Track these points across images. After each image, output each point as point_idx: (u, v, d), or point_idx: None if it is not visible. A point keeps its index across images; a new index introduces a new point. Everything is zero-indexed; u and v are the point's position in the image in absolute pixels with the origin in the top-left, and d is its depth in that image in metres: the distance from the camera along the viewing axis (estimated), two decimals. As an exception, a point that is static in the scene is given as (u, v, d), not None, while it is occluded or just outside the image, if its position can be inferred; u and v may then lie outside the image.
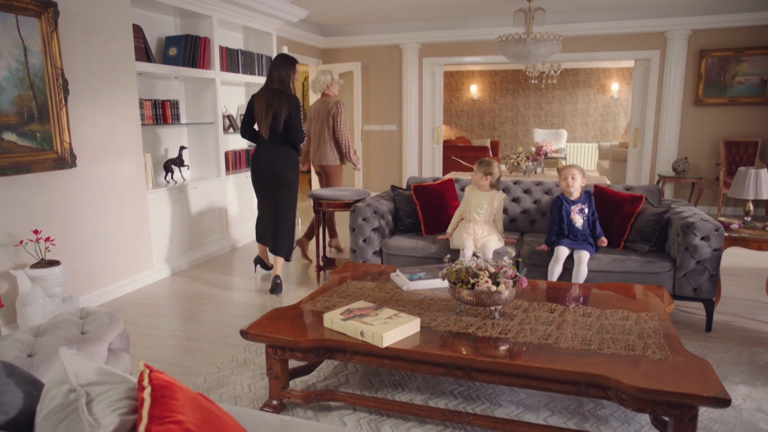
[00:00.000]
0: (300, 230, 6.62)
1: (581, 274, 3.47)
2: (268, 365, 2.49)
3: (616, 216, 3.74)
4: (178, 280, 4.67)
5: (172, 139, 5.23)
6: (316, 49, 8.26)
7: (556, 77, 11.25)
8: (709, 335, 3.42)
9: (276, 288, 4.19)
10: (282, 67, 4.13)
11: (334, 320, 2.44)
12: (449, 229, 3.97)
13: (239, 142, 6.21)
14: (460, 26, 7.76)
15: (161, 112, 4.84)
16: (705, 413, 2.47)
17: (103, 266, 4.09)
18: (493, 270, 2.57)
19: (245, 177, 5.86)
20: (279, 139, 4.12)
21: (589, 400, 2.59)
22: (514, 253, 2.80)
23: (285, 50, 6.46)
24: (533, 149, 5.34)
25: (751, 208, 3.84)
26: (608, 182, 4.53)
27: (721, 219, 3.78)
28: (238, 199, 5.78)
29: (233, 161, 5.85)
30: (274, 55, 6.21)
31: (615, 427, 2.40)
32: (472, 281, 2.54)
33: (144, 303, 4.11)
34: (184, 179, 5.15)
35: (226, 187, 5.55)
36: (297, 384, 2.78)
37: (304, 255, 5.21)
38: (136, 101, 4.32)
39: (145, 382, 1.23)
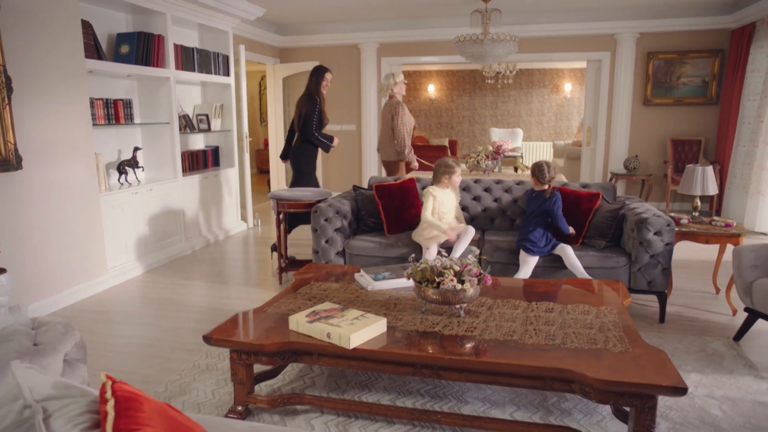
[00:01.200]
0: (259, 231, 6.52)
1: (572, 261, 3.57)
2: (233, 370, 2.43)
3: (576, 213, 3.84)
4: (134, 285, 4.52)
5: (125, 140, 5.06)
6: (273, 48, 8.15)
7: (511, 77, 11.43)
8: (663, 326, 3.55)
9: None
10: (312, 75, 5.04)
11: (299, 323, 2.41)
12: (445, 227, 3.86)
13: (197, 143, 6.07)
14: (418, 26, 7.80)
15: (113, 112, 4.67)
16: (661, 401, 2.56)
17: (54, 273, 3.92)
18: (457, 268, 2.59)
19: (204, 178, 5.73)
20: (301, 133, 5.00)
21: (553, 394, 2.64)
22: (478, 251, 2.83)
23: (242, 49, 6.35)
24: (489, 148, 5.45)
25: (699, 203, 4.01)
26: (565, 180, 4.65)
27: (672, 214, 3.93)
28: (197, 201, 5.64)
29: (191, 162, 5.71)
30: (231, 53, 6.10)
31: (578, 419, 2.46)
32: (437, 280, 2.55)
33: (98, 310, 3.95)
34: (138, 181, 4.99)
35: (184, 188, 5.40)
36: (262, 388, 2.73)
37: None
38: (86, 100, 4.15)
39: (108, 394, 1.18)
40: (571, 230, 3.72)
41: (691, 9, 6.99)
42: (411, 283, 2.97)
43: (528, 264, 3.61)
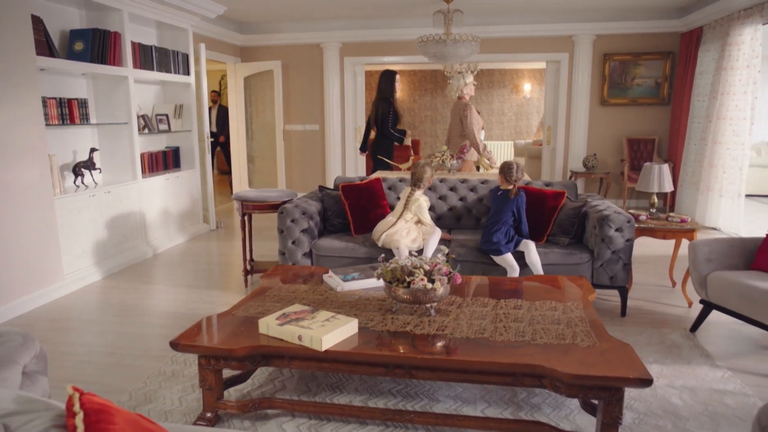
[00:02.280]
0: (223, 233, 6.40)
1: (534, 257, 3.63)
2: (201, 376, 2.38)
3: (541, 211, 3.91)
4: (93, 291, 4.36)
5: (81, 141, 4.88)
6: (234, 47, 8.01)
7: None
8: (624, 320, 3.66)
9: None
10: (384, 79, 5.99)
11: (270, 326, 2.37)
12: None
13: (156, 144, 5.91)
14: (380, 26, 7.81)
15: (68, 112, 4.49)
16: (626, 393, 2.63)
17: (6, 280, 3.74)
18: (427, 267, 2.60)
19: (164, 179, 5.58)
20: (378, 130, 5.94)
21: (522, 390, 2.69)
22: (447, 250, 2.85)
23: (202, 48, 6.22)
24: (445, 147, 5.57)
25: (656, 200, 4.15)
26: (529, 179, 4.73)
27: (631, 211, 4.06)
28: (158, 203, 5.49)
29: (150, 163, 5.55)
30: (191, 52, 5.96)
31: (548, 413, 2.51)
32: (407, 279, 2.56)
33: (55, 318, 3.80)
34: (96, 183, 4.82)
35: (144, 190, 5.25)
36: (231, 394, 2.68)
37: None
38: (38, 99, 3.98)
39: (76, 407, 1.13)
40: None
41: (644, 12, 7.23)
42: (381, 283, 2.96)
43: (506, 262, 3.66)
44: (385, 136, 5.96)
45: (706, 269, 3.35)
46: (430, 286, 2.51)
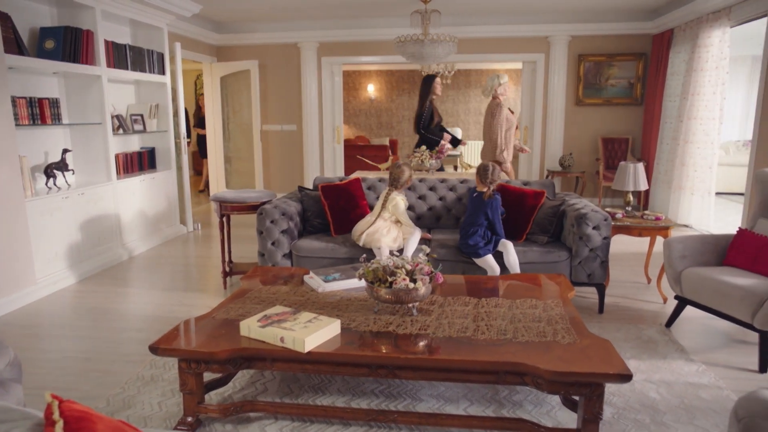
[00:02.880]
0: (200, 234, 6.31)
1: (513, 257, 3.65)
2: (182, 380, 2.34)
3: (521, 210, 3.95)
4: (67, 295, 4.26)
5: (53, 142, 4.76)
6: (210, 47, 7.91)
7: (449, 77, 11.67)
8: (602, 316, 3.72)
9: None
10: (423, 84, 6.22)
11: (251, 328, 2.35)
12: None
13: (131, 144, 5.80)
14: (358, 26, 7.80)
15: (39, 112, 4.38)
16: (605, 388, 2.68)
17: (-25, 285, 3.63)
18: (409, 267, 2.61)
19: (139, 180, 5.48)
20: (415, 132, 6.22)
21: (504, 388, 2.71)
22: (429, 250, 2.86)
23: (178, 47, 6.12)
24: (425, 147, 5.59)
25: (631, 198, 4.23)
26: (508, 179, 4.78)
27: (607, 209, 4.13)
28: (134, 205, 5.39)
29: (125, 164, 5.45)
30: (166, 51, 5.86)
31: (529, 410, 2.54)
32: (390, 279, 2.56)
33: (27, 324, 3.70)
34: (69, 185, 4.71)
35: (119, 192, 5.15)
36: (212, 397, 2.65)
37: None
38: (7, 99, 3.87)
39: (56, 415, 1.10)
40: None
41: (617, 14, 7.36)
42: (362, 283, 2.96)
43: (487, 263, 3.67)
44: (421, 137, 6.12)
45: (680, 266, 3.43)
46: (412, 285, 2.52)
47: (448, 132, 6.33)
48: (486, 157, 5.68)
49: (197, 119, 9.60)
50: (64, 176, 4.68)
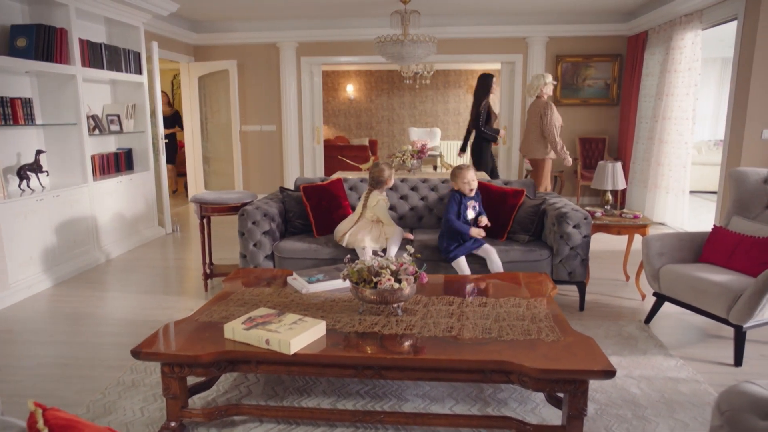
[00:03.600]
0: (179, 236, 6.23)
1: (496, 264, 3.64)
2: (165, 385, 2.30)
3: (501, 209, 3.98)
4: (42, 300, 4.16)
5: (26, 143, 4.64)
6: (187, 46, 7.81)
7: (428, 78, 11.72)
8: (583, 314, 3.78)
9: None
10: (480, 82, 6.30)
11: (236, 330, 2.32)
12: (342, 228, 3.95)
13: (108, 145, 5.70)
14: (337, 26, 7.78)
15: (11, 112, 4.27)
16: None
17: (-54, 291, 3.53)
18: (394, 267, 2.61)
19: (116, 182, 5.39)
20: (475, 129, 6.34)
21: (489, 386, 2.73)
22: (413, 250, 2.86)
23: (155, 46, 6.03)
24: (409, 147, 5.57)
25: (610, 197, 4.30)
26: (488, 178, 4.83)
27: (587, 208, 4.18)
28: (111, 207, 5.29)
29: (101, 165, 5.34)
30: (143, 50, 5.77)
31: (514, 407, 2.56)
32: (374, 280, 2.55)
33: (1, 329, 3.60)
34: (43, 187, 4.61)
35: (96, 193, 5.05)
36: (195, 402, 2.61)
37: None
38: (-21, 99, 3.77)
39: (40, 424, 1.07)
40: (474, 231, 3.67)
41: (593, 16, 7.48)
42: (347, 284, 2.95)
43: (459, 266, 3.68)
44: (480, 135, 6.23)
45: (658, 263, 3.49)
46: (397, 286, 2.52)
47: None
48: (535, 154, 5.71)
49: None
50: (38, 178, 4.57)
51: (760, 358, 3.14)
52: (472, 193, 3.77)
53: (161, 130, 6.17)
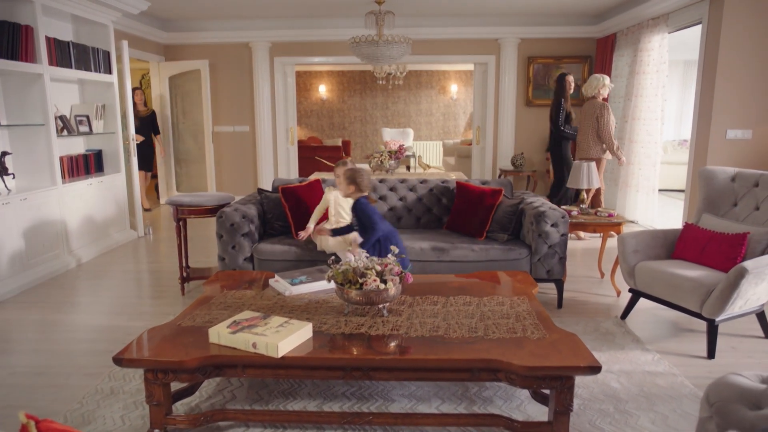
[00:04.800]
0: (151, 240, 6.10)
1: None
2: (148, 392, 2.25)
3: (479, 208, 4.02)
4: (10, 307, 4.02)
5: (-11, 144, 4.48)
6: (157, 45, 7.65)
7: (401, 78, 11.76)
8: (561, 311, 3.84)
9: None
10: (557, 83, 6.35)
11: (221, 334, 2.29)
12: (310, 224, 3.91)
13: (75, 147, 5.54)
14: (310, 26, 7.74)
15: (-26, 113, 4.12)
16: (570, 381, 2.76)
17: None
18: (379, 268, 2.61)
19: (86, 184, 5.24)
20: (554, 129, 6.32)
21: (474, 384, 2.75)
22: (398, 250, 2.86)
23: (125, 45, 5.88)
24: (383, 147, 5.55)
25: (585, 196, 4.38)
26: (466, 177, 4.86)
27: (563, 207, 4.26)
28: (81, 210, 5.13)
29: (70, 167, 5.19)
30: (112, 49, 5.62)
31: (499, 405, 2.59)
32: (360, 281, 2.55)
33: (-32, 338, 3.47)
34: (9, 190, 4.44)
35: (65, 196, 4.89)
36: (179, 408, 2.56)
37: None
38: (-59, 99, 3.62)
39: (34, 435, 1.04)
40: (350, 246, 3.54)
41: (563, 18, 7.62)
42: (330, 285, 2.95)
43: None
44: (558, 135, 6.26)
45: (633, 260, 3.58)
46: (383, 286, 2.52)
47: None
48: (590, 154, 5.77)
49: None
50: (3, 181, 4.42)
51: (730, 350, 3.25)
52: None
53: (132, 131, 6.02)
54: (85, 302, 4.13)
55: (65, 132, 5.06)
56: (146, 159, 7.44)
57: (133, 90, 6.95)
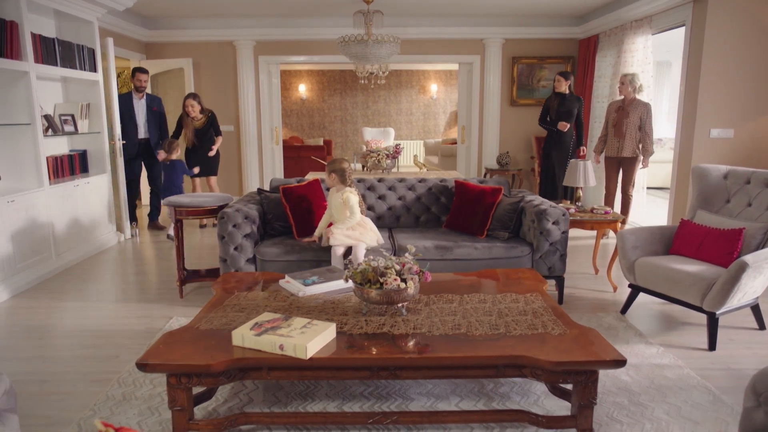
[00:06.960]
0: (138, 241, 5.96)
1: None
2: (171, 397, 2.21)
3: (479, 207, 4.06)
4: (1, 313, 3.88)
5: (-27, 145, 4.32)
6: (138, 43, 7.48)
7: (383, 78, 11.75)
8: (563, 307, 3.90)
9: None
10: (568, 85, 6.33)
11: (245, 337, 2.26)
12: (317, 233, 3.93)
13: (59, 147, 5.38)
14: (295, 25, 7.67)
15: (-41, 112, 3.96)
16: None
17: None
18: (398, 267, 2.61)
19: (73, 186, 5.09)
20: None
21: (489, 381, 2.78)
22: (414, 249, 2.86)
23: (110, 42, 5.73)
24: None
25: (581, 194, 4.46)
26: (462, 176, 4.90)
27: (561, 205, 4.32)
28: (67, 212, 4.98)
29: (55, 168, 5.04)
30: (97, 46, 5.47)
31: (517, 400, 2.62)
32: (381, 280, 2.55)
33: (-39, 346, 3.34)
34: (-4, 192, 4.29)
35: (52, 198, 4.75)
36: (197, 413, 2.51)
37: None
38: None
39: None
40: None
41: (546, 19, 7.74)
42: (344, 285, 2.95)
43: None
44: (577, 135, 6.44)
45: (633, 256, 3.67)
46: (403, 285, 2.52)
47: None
48: (629, 152, 5.68)
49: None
50: (-11, 182, 4.26)
51: (729, 342, 3.36)
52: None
53: (118, 130, 5.88)
54: (79, 306, 4.01)
55: (50, 132, 4.91)
56: (207, 164, 6.46)
57: (185, 98, 6.10)
